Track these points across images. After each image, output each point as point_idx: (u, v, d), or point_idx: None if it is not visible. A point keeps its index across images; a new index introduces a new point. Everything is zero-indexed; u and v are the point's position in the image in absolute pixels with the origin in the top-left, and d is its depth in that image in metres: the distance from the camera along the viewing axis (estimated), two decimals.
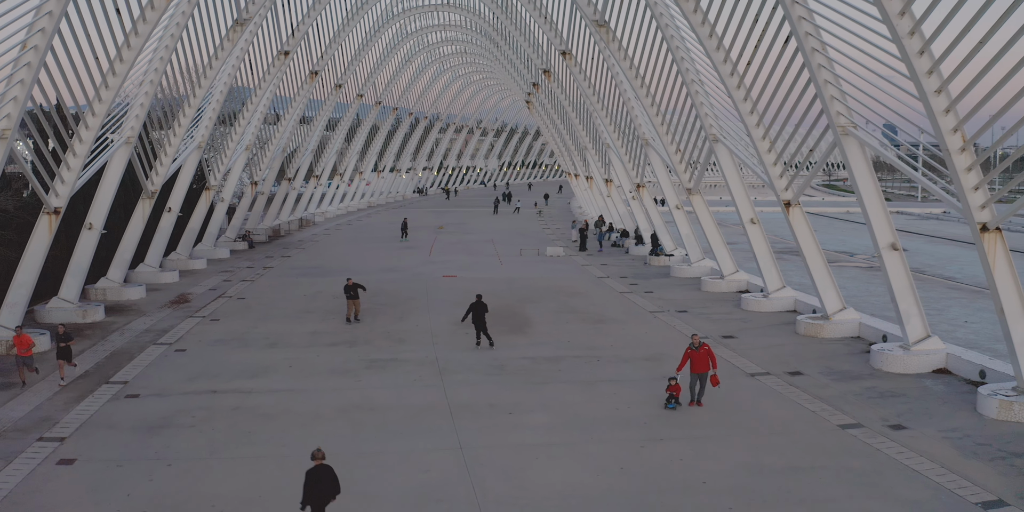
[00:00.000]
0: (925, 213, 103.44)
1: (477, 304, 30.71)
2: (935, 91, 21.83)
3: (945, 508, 17.27)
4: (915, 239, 72.54)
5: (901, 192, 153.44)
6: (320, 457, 15.80)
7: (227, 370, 27.78)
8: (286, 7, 58.51)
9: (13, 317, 31.31)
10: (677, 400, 23.37)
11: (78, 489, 18.38)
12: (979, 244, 22.95)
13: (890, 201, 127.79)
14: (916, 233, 78.92)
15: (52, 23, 26.86)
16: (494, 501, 17.48)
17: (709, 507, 17.22)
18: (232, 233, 64.57)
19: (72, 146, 33.60)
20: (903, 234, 75.32)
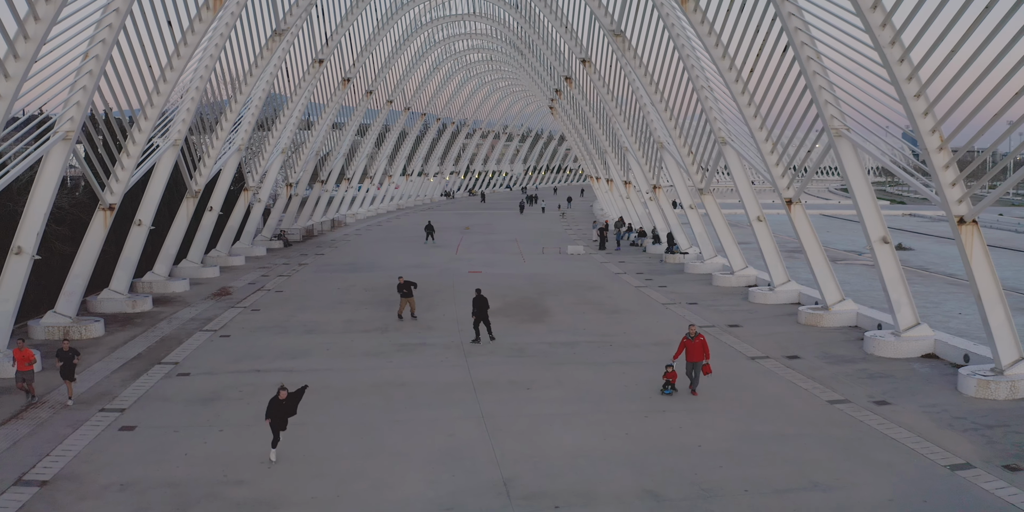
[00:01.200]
0: (937, 216, 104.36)
1: (478, 298, 32.04)
2: (914, 95, 23.57)
3: (916, 470, 18.95)
4: (923, 239, 73.94)
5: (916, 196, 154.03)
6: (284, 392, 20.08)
7: (269, 353, 29.77)
8: (321, 17, 60.60)
9: (70, 306, 33.39)
10: (673, 386, 24.56)
11: (140, 449, 20.37)
12: (957, 236, 24.64)
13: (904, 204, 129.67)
14: (926, 234, 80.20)
15: (112, 35, 28.94)
16: (511, 459, 19.37)
17: (702, 466, 19.03)
18: (268, 232, 66.76)
19: (126, 147, 35.73)
20: (914, 235, 77.20)
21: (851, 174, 29.80)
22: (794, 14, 28.34)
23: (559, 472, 18.64)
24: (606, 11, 46.09)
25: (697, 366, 24.58)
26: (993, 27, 21.10)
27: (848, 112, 29.36)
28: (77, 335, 32.25)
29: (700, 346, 24.51)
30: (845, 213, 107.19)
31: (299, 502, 17.15)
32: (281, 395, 19.97)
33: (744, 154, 39.54)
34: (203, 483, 18.14)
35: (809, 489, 17.77)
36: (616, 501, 17.11)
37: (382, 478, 18.37)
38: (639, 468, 18.89)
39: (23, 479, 18.45)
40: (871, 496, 17.39)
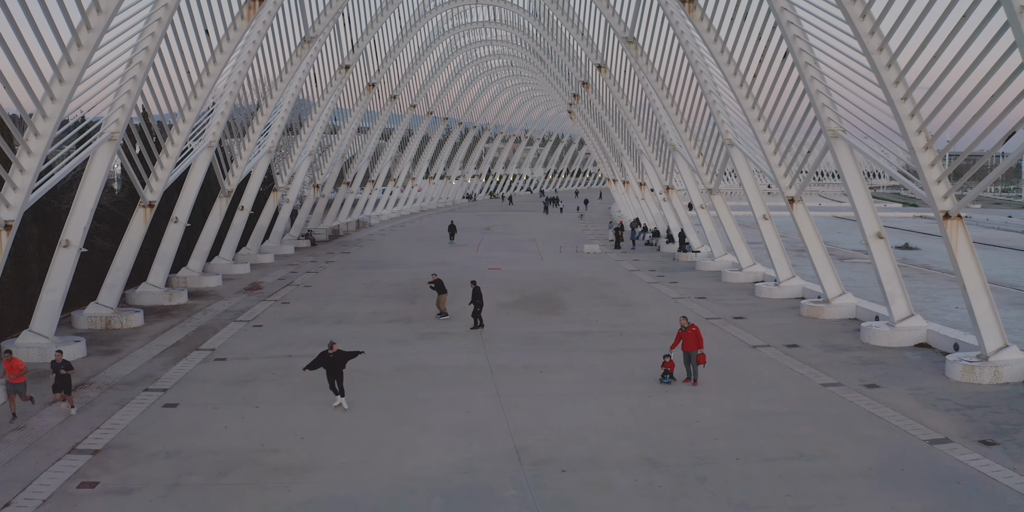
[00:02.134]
0: None
1: (475, 291, 33.63)
2: (901, 98, 24.91)
3: (896, 443, 20.27)
4: (930, 240, 74.85)
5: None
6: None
7: (300, 340, 31.31)
8: (347, 25, 62.19)
9: (111, 297, 35.02)
10: (671, 375, 25.44)
11: (183, 423, 21.93)
12: (942, 230, 25.93)
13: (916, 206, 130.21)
14: (934, 234, 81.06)
15: (155, 43, 30.57)
16: (523, 432, 20.84)
17: (698, 438, 20.44)
18: (296, 232, 68.44)
19: (165, 148, 37.39)
20: (922, 236, 78.13)
21: (847, 173, 31.13)
22: (792, 22, 29.70)
23: (567, 442, 20.12)
24: (620, 19, 47.52)
25: (693, 356, 25.29)
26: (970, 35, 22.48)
27: (844, 115, 30.67)
28: (119, 324, 33.90)
29: (694, 336, 25.27)
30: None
31: (329, 467, 18.65)
32: (332, 349, 23.14)
33: (750, 155, 40.89)
34: (242, 451, 19.68)
35: (795, 458, 19.15)
36: (618, 466, 18.56)
37: (405, 447, 19.88)
38: (640, 439, 20.33)
39: (76, 448, 20.01)
40: (852, 465, 18.74)
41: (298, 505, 16.61)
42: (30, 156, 25.25)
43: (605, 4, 46.77)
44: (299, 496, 17.06)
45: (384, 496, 17.04)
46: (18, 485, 17.74)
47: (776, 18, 30.24)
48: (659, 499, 16.86)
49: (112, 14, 25.31)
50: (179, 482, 17.87)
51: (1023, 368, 25.66)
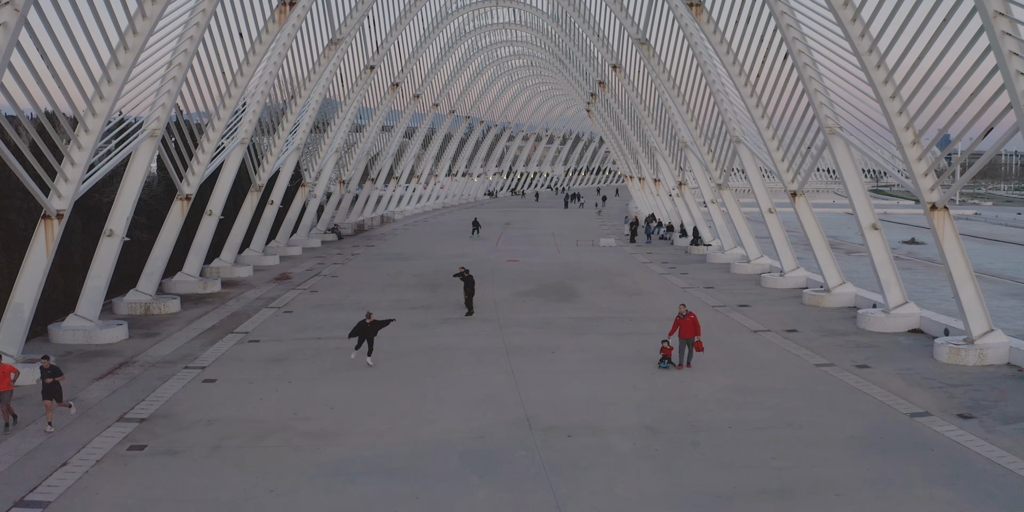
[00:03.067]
0: (958, 214, 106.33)
1: (466, 278, 35.20)
2: (890, 97, 26.27)
3: (879, 416, 21.65)
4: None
5: None
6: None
7: (328, 324, 32.92)
8: (372, 27, 63.79)
9: (150, 285, 36.67)
10: (669, 360, 26.41)
11: (222, 396, 23.54)
12: (930, 220, 27.28)
13: None
14: None
15: (193, 46, 32.23)
16: (534, 403, 22.38)
17: (695, 409, 21.92)
18: (323, 226, 70.22)
19: (201, 145, 39.07)
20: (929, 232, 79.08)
21: (844, 168, 32.49)
22: (791, 25, 31.08)
23: (574, 412, 21.64)
24: (632, 21, 48.95)
25: (689, 342, 26.11)
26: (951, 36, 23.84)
27: (840, 113, 32.02)
28: (157, 310, 35.56)
29: (691, 324, 26.16)
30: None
31: (357, 432, 20.22)
32: (368, 319, 26.66)
33: (755, 152, 42.26)
34: (276, 419, 21.28)
35: (783, 427, 20.59)
36: (619, 432, 20.06)
37: (425, 416, 21.44)
38: (641, 410, 21.82)
39: (124, 417, 21.64)
40: (835, 434, 20.15)
41: (328, 463, 18.18)
42: (80, 150, 26.95)
43: (619, 7, 48.23)
44: (329, 456, 18.63)
45: (406, 456, 18.60)
46: (73, 448, 19.35)
47: (776, 21, 31.62)
48: (655, 460, 18.35)
49: (156, 20, 26.99)
50: (220, 445, 19.48)
51: (1007, 351, 26.87)
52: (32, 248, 26.46)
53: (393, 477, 17.38)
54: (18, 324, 26.20)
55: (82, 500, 16.47)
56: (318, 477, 17.43)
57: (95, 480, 17.49)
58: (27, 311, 26.36)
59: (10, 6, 20.39)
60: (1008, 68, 21.28)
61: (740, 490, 16.69)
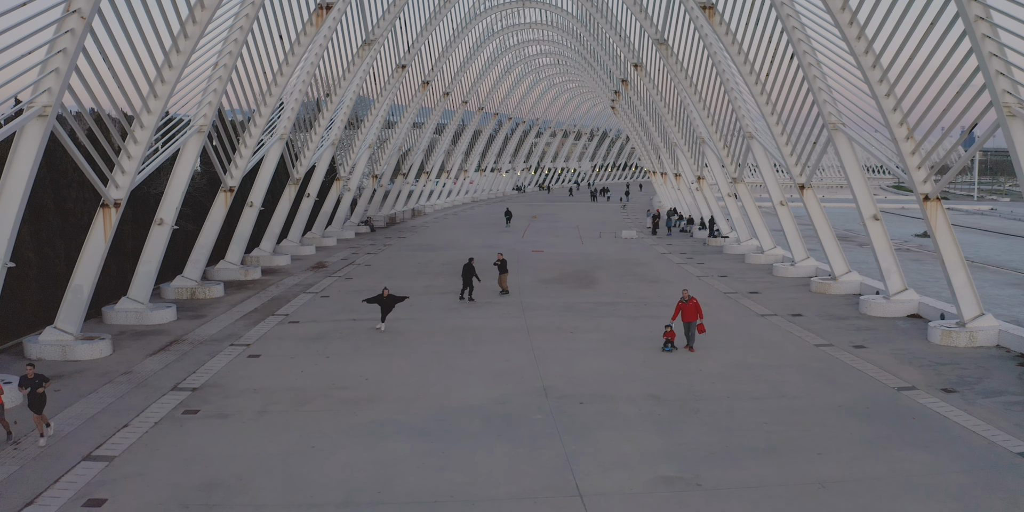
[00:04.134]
0: (973, 209, 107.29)
1: (467, 266, 37.10)
2: (885, 95, 27.77)
3: (869, 389, 23.19)
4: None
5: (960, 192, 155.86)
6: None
7: (362, 307, 34.55)
8: (404, 28, 65.58)
9: (195, 271, 38.62)
10: (672, 344, 27.62)
11: (266, 369, 25.41)
12: (923, 210, 28.74)
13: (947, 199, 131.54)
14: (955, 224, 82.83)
15: (237, 48, 34.11)
16: (551, 376, 24.14)
17: (698, 382, 23.59)
18: (356, 218, 72.19)
19: (244, 140, 41.01)
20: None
21: (846, 162, 33.98)
22: (796, 27, 32.59)
23: (586, 383, 23.38)
24: (651, 22, 50.49)
25: (692, 325, 27.25)
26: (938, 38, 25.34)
27: (843, 110, 33.52)
28: (202, 295, 37.51)
29: (694, 308, 27.46)
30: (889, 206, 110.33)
31: (389, 399, 22.03)
32: (384, 293, 30.70)
33: (766, 146, 43.76)
34: (317, 388, 23.12)
35: (777, 397, 22.21)
36: (626, 400, 21.76)
37: (452, 386, 23.24)
38: (648, 382, 23.52)
39: (177, 387, 23.52)
40: (824, 403, 21.74)
41: (364, 425, 19.99)
42: (136, 145, 28.90)
43: (638, 8, 49.79)
44: (364, 419, 20.44)
45: (433, 419, 20.39)
46: (132, 413, 21.23)
47: (783, 23, 33.14)
48: (657, 423, 20.04)
49: (205, 24, 28.88)
50: (266, 410, 21.33)
51: (996, 333, 28.21)
52: (91, 234, 28.39)
53: (422, 436, 19.17)
54: (78, 305, 28.12)
55: (143, 455, 18.31)
56: (355, 436, 19.25)
57: (154, 438, 19.37)
58: (86, 292, 28.28)
59: (77, 14, 22.26)
60: (988, 68, 22.78)
61: (732, 448, 18.34)
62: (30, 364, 20.11)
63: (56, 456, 18.21)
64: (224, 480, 16.73)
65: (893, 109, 27.82)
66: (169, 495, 16.05)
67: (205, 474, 17.05)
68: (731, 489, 16.22)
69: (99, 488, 16.44)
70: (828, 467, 17.34)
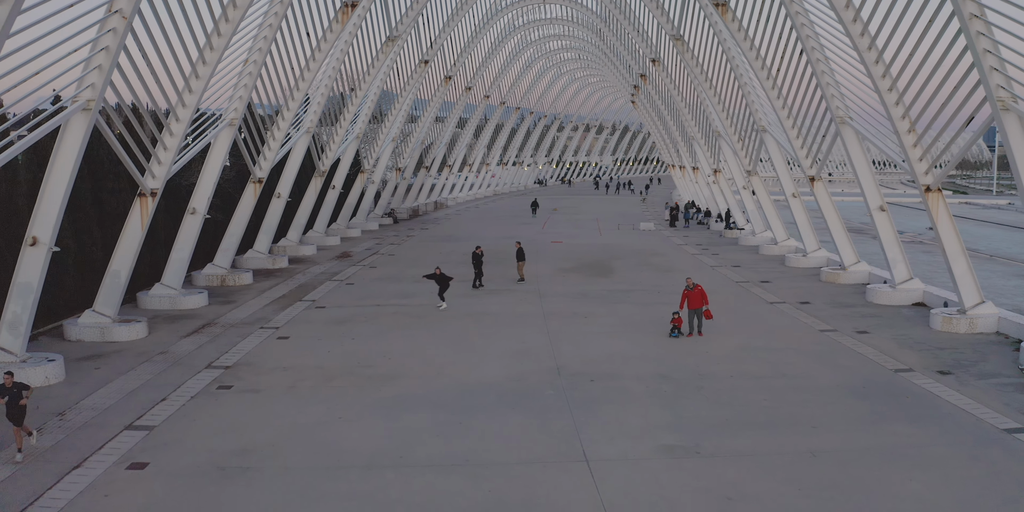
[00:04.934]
0: (991, 204, 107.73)
1: (475, 255, 38.71)
2: (888, 89, 28.79)
3: (866, 370, 24.24)
4: (965, 223, 77.44)
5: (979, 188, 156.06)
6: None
7: (386, 294, 36.08)
8: (426, 24, 66.86)
9: (226, 259, 40.00)
10: (679, 330, 28.57)
11: (295, 349, 26.73)
12: (925, 201, 29.74)
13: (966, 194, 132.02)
14: (970, 218, 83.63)
15: (266, 45, 35.45)
16: (565, 356, 25.39)
17: (704, 362, 24.75)
18: (380, 210, 73.56)
19: (272, 133, 42.38)
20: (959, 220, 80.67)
21: (853, 155, 34.99)
22: (805, 24, 33.63)
23: (597, 363, 24.60)
24: (668, 19, 51.58)
25: (698, 312, 28.23)
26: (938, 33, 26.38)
27: (850, 105, 34.52)
28: (232, 282, 38.88)
29: (699, 295, 28.38)
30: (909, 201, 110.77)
31: (411, 376, 23.31)
32: (437, 271, 33.39)
33: (779, 140, 44.78)
34: (342, 366, 24.42)
35: (778, 377, 23.33)
36: (635, 378, 22.96)
37: (471, 365, 24.51)
38: (656, 362, 24.71)
39: (211, 365, 24.86)
40: (823, 383, 22.84)
41: (387, 398, 21.28)
42: (172, 137, 30.26)
43: (655, 5, 50.85)
44: (388, 394, 21.72)
45: (452, 394, 21.66)
46: (169, 388, 22.56)
47: (792, 21, 34.18)
48: (662, 398, 21.23)
49: (237, 23, 30.20)
50: (295, 385, 22.63)
51: (996, 320, 29.14)
52: (129, 222, 29.76)
53: (441, 409, 20.43)
54: (115, 289, 29.49)
55: (182, 424, 19.64)
56: (379, 408, 20.53)
57: (191, 410, 20.70)
58: (123, 277, 29.64)
59: (119, 14, 23.59)
60: (983, 64, 23.79)
61: (731, 422, 19.51)
62: (8, 372, 18.35)
63: (99, 426, 19.54)
64: (257, 446, 18.03)
65: (895, 103, 28.84)
66: (206, 459, 17.35)
67: (239, 441, 18.35)
68: (727, 456, 17.40)
69: (141, 453, 17.75)
70: (821, 439, 18.47)
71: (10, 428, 17.86)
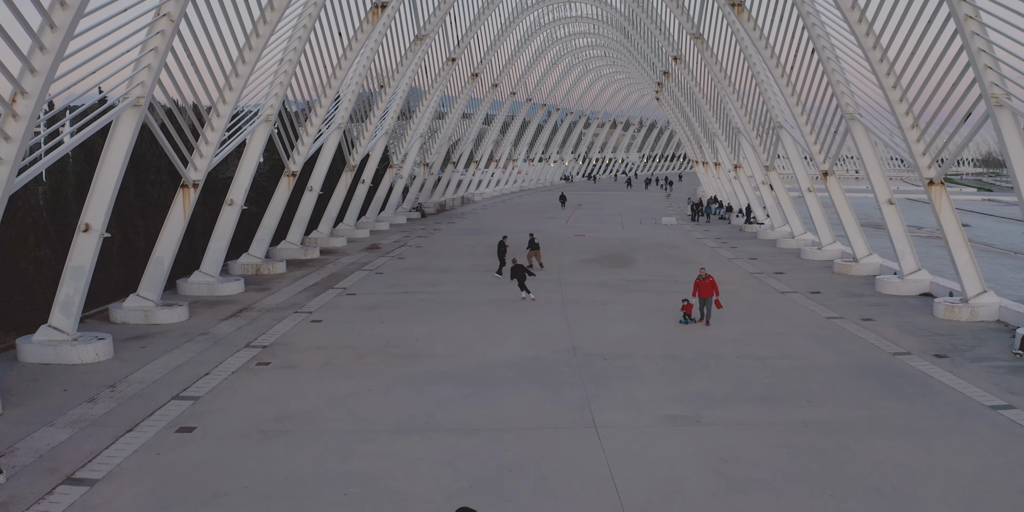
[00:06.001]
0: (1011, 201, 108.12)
1: (501, 244, 40.85)
2: (892, 87, 30.19)
3: (867, 353, 25.66)
4: (986, 219, 78.61)
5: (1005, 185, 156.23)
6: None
7: (413, 283, 37.77)
8: (454, 23, 68.53)
9: (260, 249, 41.81)
10: (689, 317, 30.03)
11: (328, 331, 28.48)
12: (928, 194, 31.10)
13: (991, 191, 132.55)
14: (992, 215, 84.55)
15: (301, 45, 37.23)
16: (581, 338, 27.03)
17: (711, 345, 26.29)
18: (408, 205, 75.41)
19: (305, 128, 44.19)
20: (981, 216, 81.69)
21: (862, 150, 36.37)
22: (816, 24, 35.05)
23: (611, 344, 26.21)
24: (688, 17, 53.01)
25: (708, 301, 29.20)
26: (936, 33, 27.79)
27: (860, 102, 35.93)
28: (266, 271, 40.69)
29: (709, 285, 29.57)
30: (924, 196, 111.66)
31: (437, 355, 25.02)
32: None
33: (794, 136, 46.15)
34: (372, 346, 26.15)
35: (781, 358, 24.84)
36: (645, 358, 24.56)
37: (492, 345, 26.20)
38: (666, 344, 26.30)
39: (250, 344, 26.63)
40: (823, 364, 24.31)
41: (414, 374, 22.99)
42: (213, 132, 32.09)
43: (675, 4, 52.33)
44: (415, 370, 23.43)
45: (474, 371, 23.34)
46: (212, 364, 24.33)
47: (803, 21, 35.60)
48: (670, 376, 22.82)
49: (274, 24, 31.98)
50: (329, 362, 24.38)
51: (997, 309, 30.40)
52: (172, 211, 31.60)
53: (463, 383, 22.11)
54: (158, 275, 31.32)
55: (225, 395, 21.40)
56: (406, 382, 22.25)
57: (233, 383, 22.48)
58: (166, 263, 31.47)
59: (167, 17, 25.39)
60: (977, 62, 25.20)
61: (732, 396, 21.06)
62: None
63: (148, 396, 21.34)
64: (294, 414, 19.77)
65: (899, 100, 30.23)
66: (249, 424, 19.09)
67: (278, 409, 20.10)
68: (725, 425, 18.97)
69: (188, 419, 19.53)
70: (814, 411, 19.99)
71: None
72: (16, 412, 20.08)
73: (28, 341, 25.06)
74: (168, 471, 16.55)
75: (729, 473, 16.25)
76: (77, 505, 15.04)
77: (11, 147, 19.65)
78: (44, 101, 20.18)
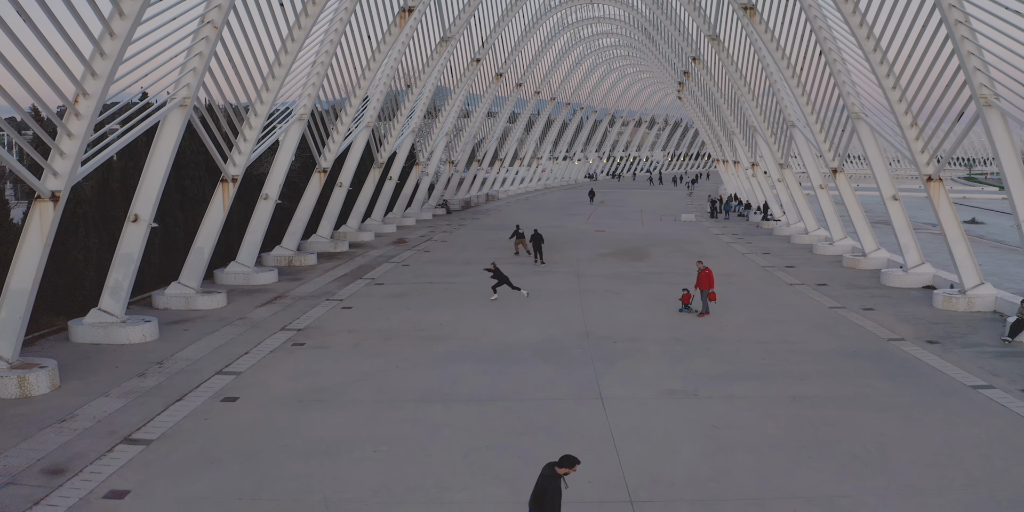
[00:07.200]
0: None
1: (535, 236, 43.30)
2: (892, 87, 31.84)
3: (863, 339, 27.32)
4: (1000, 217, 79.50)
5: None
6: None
7: (438, 273, 39.72)
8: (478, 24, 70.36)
9: (292, 242, 43.87)
10: (688, 306, 31.60)
11: (357, 317, 30.48)
12: (927, 190, 32.71)
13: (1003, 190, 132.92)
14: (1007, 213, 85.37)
15: (332, 48, 39.25)
16: (593, 323, 28.92)
17: (716, 331, 28.09)
18: (434, 201, 77.33)
19: (336, 127, 46.23)
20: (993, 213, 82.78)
21: (868, 148, 37.99)
22: (823, 28, 36.73)
23: (622, 329, 28.09)
24: (705, 19, 54.71)
25: (704, 293, 30.63)
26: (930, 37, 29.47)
27: (865, 102, 37.56)
28: (298, 263, 42.73)
29: (706, 278, 31.00)
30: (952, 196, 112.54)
31: (459, 337, 26.98)
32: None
33: (806, 135, 47.79)
34: (399, 329, 28.14)
35: (780, 343, 26.58)
36: (653, 341, 26.42)
37: (511, 329, 28.14)
38: (673, 329, 28.13)
39: (285, 328, 28.66)
40: (819, 347, 26.03)
41: (437, 354, 24.96)
42: (251, 130, 34.16)
43: (692, 7, 54.06)
44: (439, 350, 25.40)
45: (493, 351, 25.28)
46: (250, 345, 26.36)
47: (811, 25, 37.29)
48: (674, 356, 24.66)
49: (309, 29, 34.01)
50: (359, 343, 26.36)
51: (993, 300, 31.87)
52: (212, 203, 33.66)
53: (483, 361, 24.05)
54: (199, 263, 33.38)
55: (264, 371, 23.41)
56: (430, 361, 24.21)
57: (271, 360, 24.52)
58: (206, 253, 33.53)
59: (211, 24, 27.43)
60: (967, 65, 26.85)
61: (730, 374, 22.87)
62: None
63: (194, 372, 23.39)
64: (328, 387, 21.77)
65: (899, 100, 31.89)
66: (287, 395, 21.09)
67: (313, 383, 22.10)
68: (720, 398, 20.80)
69: (231, 390, 21.56)
70: (804, 388, 21.75)
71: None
72: (73, 385, 22.17)
73: (79, 323, 27.19)
74: (215, 433, 18.55)
75: (719, 438, 18.08)
76: (136, 461, 17.02)
77: (74, 143, 21.73)
78: (103, 101, 22.22)
